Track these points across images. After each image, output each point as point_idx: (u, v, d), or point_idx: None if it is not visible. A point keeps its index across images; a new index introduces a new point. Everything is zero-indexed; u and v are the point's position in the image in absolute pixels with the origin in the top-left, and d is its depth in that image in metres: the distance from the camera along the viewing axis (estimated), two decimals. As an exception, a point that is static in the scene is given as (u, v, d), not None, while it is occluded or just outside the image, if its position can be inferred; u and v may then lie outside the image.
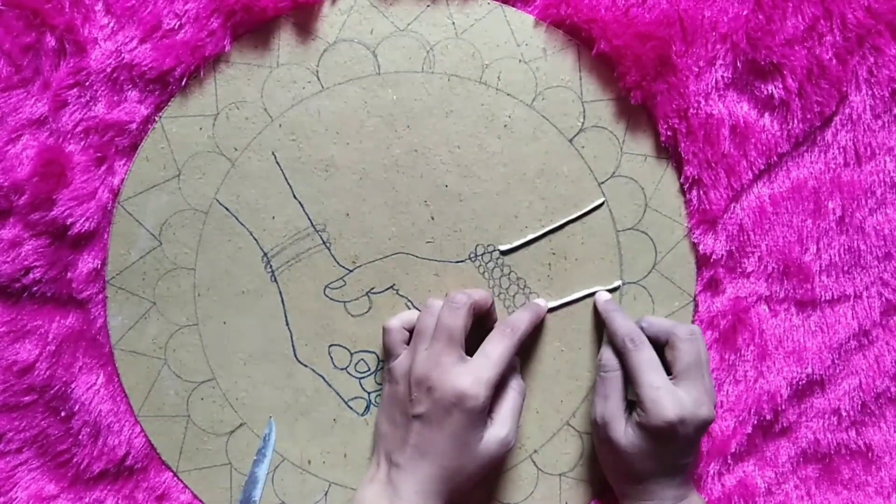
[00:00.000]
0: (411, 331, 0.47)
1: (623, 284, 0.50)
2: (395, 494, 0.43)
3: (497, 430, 0.44)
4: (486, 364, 0.44)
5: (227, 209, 0.49)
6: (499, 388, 0.45)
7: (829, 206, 0.50)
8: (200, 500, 0.50)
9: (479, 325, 0.47)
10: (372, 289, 0.49)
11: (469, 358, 0.44)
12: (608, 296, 0.50)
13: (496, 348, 0.44)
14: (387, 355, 0.47)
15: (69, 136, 0.47)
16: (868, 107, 0.50)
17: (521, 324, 0.46)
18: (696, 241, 0.50)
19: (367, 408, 0.50)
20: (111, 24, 0.47)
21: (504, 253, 0.50)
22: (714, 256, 0.50)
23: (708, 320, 0.50)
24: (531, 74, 0.49)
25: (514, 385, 0.46)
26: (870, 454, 0.52)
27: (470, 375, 0.43)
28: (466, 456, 0.43)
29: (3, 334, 0.48)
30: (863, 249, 0.51)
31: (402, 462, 0.43)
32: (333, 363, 0.49)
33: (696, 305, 0.51)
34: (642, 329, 0.47)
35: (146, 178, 0.48)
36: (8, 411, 0.48)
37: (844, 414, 0.51)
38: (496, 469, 0.48)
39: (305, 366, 0.49)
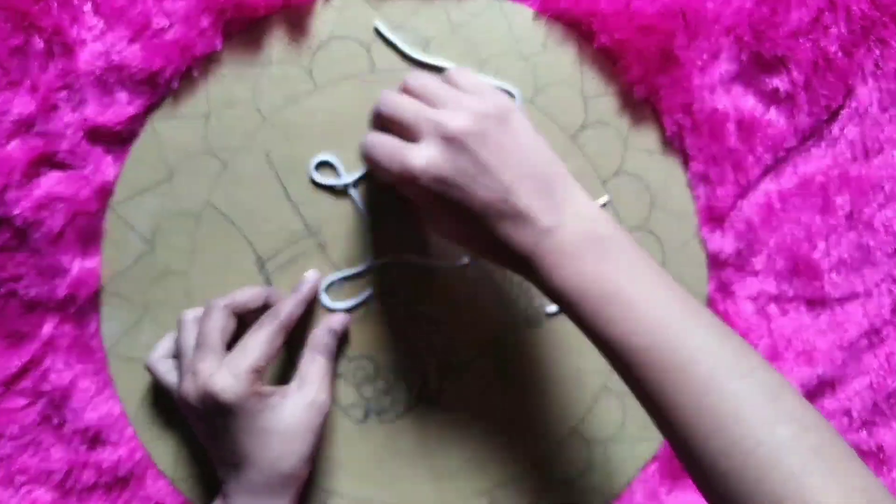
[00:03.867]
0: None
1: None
2: None
3: (304, 396, 0.43)
4: (239, 355, 0.42)
5: (220, 212, 0.48)
6: (306, 354, 0.46)
7: (837, 202, 0.50)
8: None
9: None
10: (369, 292, 0.49)
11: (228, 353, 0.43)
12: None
13: (252, 338, 0.43)
14: (167, 391, 0.46)
15: (58, 138, 0.46)
16: (875, 100, 0.50)
17: (284, 310, 0.45)
18: (703, 239, 0.50)
19: (367, 415, 0.49)
20: (100, 25, 0.47)
21: (505, 254, 0.49)
22: (722, 255, 0.50)
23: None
24: (530, 70, 0.48)
25: (320, 349, 0.46)
26: (881, 455, 0.51)
27: (221, 371, 0.41)
28: (277, 441, 0.42)
29: (-5, 342, 0.48)
30: (872, 246, 0.50)
31: (223, 476, 0.43)
32: (331, 369, 0.49)
33: (709, 306, 0.50)
34: None
35: (138, 182, 0.48)
36: (0, 419, 0.48)
37: (856, 415, 0.51)
38: (319, 437, 0.45)
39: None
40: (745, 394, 0.33)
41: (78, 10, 0.46)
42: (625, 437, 0.50)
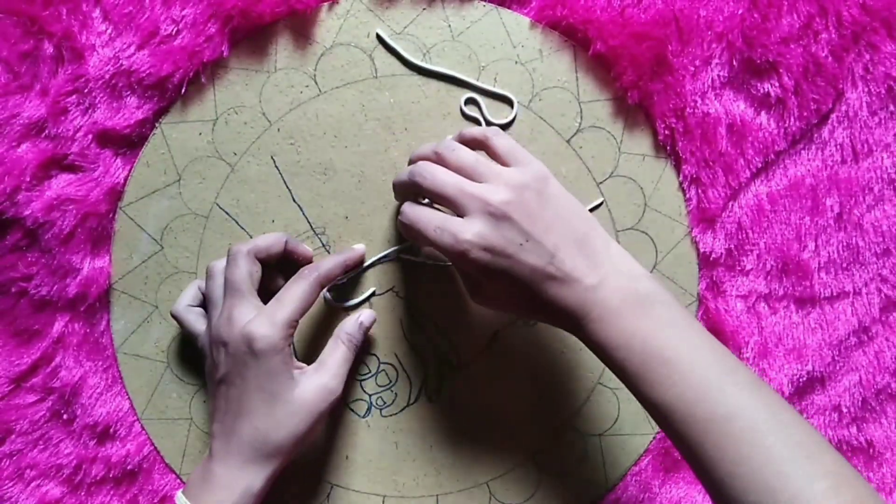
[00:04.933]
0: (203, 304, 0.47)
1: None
2: (206, 467, 0.42)
3: (318, 378, 0.44)
4: (277, 306, 0.43)
5: (227, 213, 0.49)
6: (330, 342, 0.46)
7: (826, 204, 0.50)
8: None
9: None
10: (372, 291, 0.49)
11: (263, 305, 0.44)
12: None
13: (289, 291, 0.43)
14: (193, 339, 0.46)
15: (69, 141, 0.47)
16: (864, 104, 0.50)
17: (324, 265, 0.45)
18: (695, 239, 0.50)
19: (368, 410, 0.50)
20: (109, 31, 0.47)
21: (503, 254, 0.50)
22: (713, 255, 0.50)
23: (708, 319, 0.50)
24: (528, 76, 0.49)
25: (345, 338, 0.46)
26: (871, 450, 0.52)
27: (260, 318, 0.42)
28: (280, 409, 0.42)
29: (7, 338, 0.49)
30: (861, 246, 0.51)
31: (216, 431, 0.43)
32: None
33: (700, 305, 0.51)
34: None
35: (147, 184, 0.49)
36: (11, 415, 0.49)
37: (845, 410, 0.51)
38: (320, 422, 0.44)
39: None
40: (784, 448, 0.34)
41: (87, 16, 0.47)
42: (619, 431, 0.50)
